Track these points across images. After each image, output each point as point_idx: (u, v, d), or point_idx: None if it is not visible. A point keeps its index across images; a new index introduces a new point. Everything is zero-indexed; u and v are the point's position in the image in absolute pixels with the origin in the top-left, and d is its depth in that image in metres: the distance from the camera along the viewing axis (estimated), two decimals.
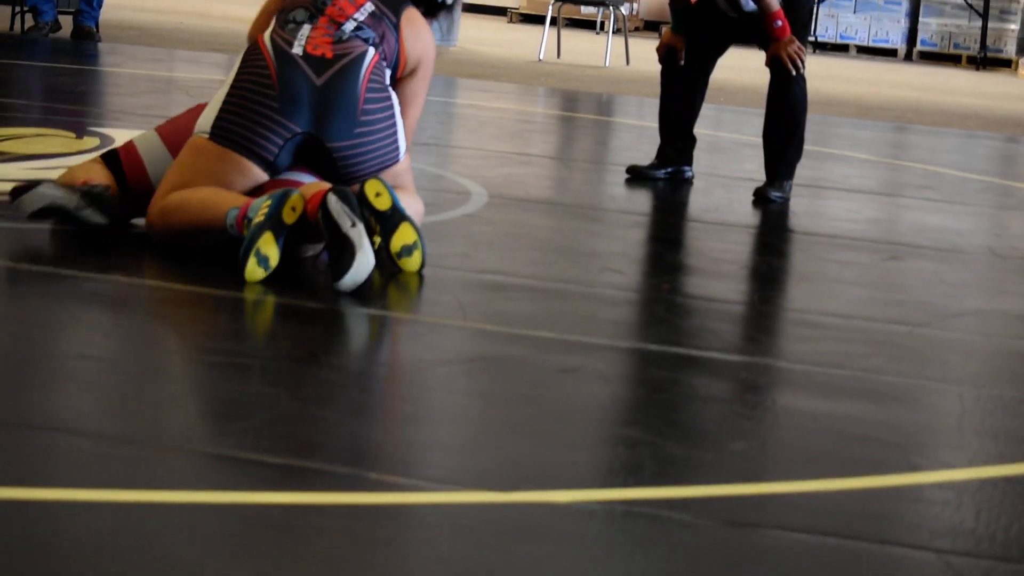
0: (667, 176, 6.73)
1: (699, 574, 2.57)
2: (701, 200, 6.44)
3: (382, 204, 4.35)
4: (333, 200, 4.19)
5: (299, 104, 4.51)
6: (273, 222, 4.21)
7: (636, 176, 6.71)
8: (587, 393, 3.55)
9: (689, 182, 6.72)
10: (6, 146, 6.10)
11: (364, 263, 4.16)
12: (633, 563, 2.56)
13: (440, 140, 7.75)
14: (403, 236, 4.37)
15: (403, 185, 4.68)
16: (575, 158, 7.99)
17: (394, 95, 4.68)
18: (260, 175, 4.54)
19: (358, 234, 4.17)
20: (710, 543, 2.69)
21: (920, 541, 2.78)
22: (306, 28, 4.61)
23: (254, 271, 4.19)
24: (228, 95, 4.57)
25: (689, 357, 3.91)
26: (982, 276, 5.37)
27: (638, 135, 8.65)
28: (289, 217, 4.24)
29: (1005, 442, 3.43)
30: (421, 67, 4.79)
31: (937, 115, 11.32)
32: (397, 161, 4.65)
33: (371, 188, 4.33)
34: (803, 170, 6.64)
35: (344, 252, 4.16)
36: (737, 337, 4.30)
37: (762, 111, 6.58)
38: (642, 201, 6.38)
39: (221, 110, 4.55)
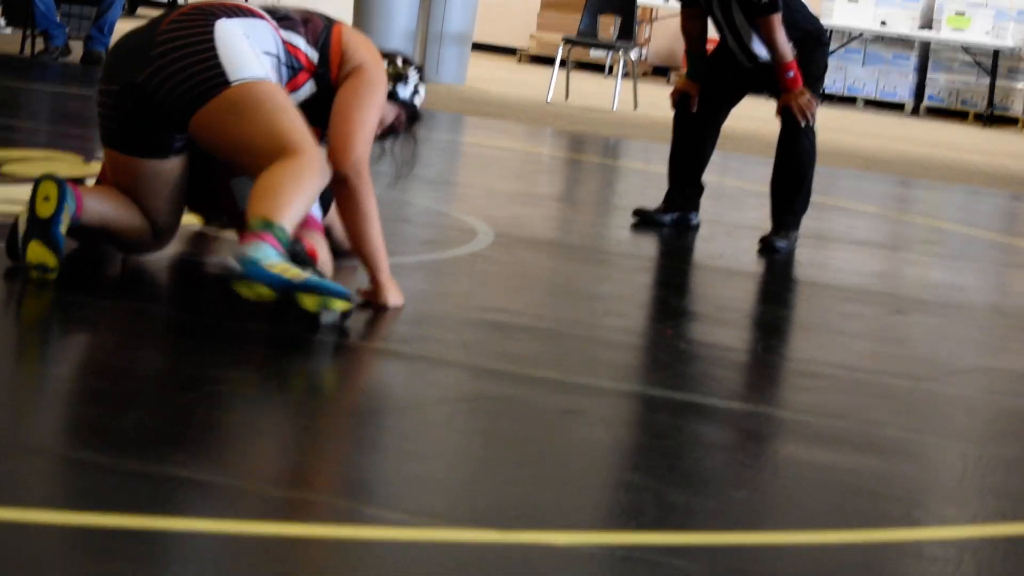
0: (673, 222, 6.72)
1: None
2: (706, 247, 6.43)
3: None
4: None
5: (117, 63, 4.38)
6: (35, 227, 4.12)
7: (642, 220, 6.71)
8: (589, 436, 3.53)
9: (695, 228, 6.72)
10: (14, 168, 6.09)
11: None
12: None
13: (447, 178, 7.75)
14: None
15: (242, 111, 4.25)
16: (581, 200, 7.98)
17: (219, 29, 4.29)
18: (130, 161, 4.37)
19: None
20: None
21: None
22: None
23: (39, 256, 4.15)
24: None
25: (692, 404, 3.89)
26: (986, 333, 5.35)
27: (644, 179, 8.65)
28: (44, 210, 4.11)
29: (1006, 500, 3.41)
30: (364, 72, 4.44)
31: (943, 170, 11.32)
32: (225, 85, 4.24)
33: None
34: (808, 221, 6.63)
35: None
36: (740, 385, 4.28)
37: (768, 160, 6.57)
38: (647, 245, 6.37)
39: None
